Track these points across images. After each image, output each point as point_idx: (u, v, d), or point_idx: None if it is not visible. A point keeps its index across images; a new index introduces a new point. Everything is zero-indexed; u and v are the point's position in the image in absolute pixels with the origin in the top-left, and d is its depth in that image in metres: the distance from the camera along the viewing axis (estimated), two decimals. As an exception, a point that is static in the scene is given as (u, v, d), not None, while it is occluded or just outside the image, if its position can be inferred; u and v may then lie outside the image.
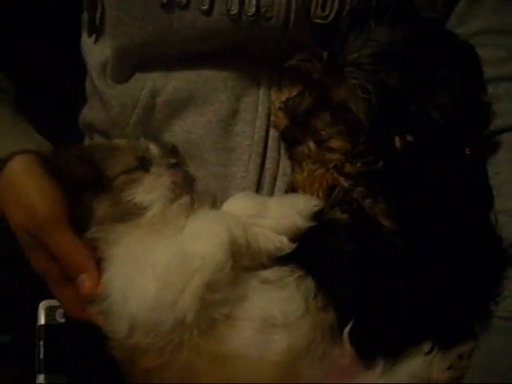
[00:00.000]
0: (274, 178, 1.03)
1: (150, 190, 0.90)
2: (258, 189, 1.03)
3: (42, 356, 1.03)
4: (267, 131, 1.03)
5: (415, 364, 0.91)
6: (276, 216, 0.90)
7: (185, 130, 1.04)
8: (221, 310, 0.84)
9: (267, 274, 0.90)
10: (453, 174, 0.95)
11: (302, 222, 0.90)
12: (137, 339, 0.83)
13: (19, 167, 0.85)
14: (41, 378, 1.01)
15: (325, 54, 0.93)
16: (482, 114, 0.98)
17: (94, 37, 1.10)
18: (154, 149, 0.96)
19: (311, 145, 0.96)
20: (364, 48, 0.91)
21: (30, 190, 0.84)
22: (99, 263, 0.85)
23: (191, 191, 0.93)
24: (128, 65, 1.05)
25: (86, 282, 0.82)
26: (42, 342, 1.04)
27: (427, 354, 0.90)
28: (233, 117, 1.03)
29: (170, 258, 0.83)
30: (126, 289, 0.83)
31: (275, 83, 1.04)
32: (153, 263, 0.83)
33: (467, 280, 0.91)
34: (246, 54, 1.02)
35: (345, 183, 0.94)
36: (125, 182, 0.90)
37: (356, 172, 0.94)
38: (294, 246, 0.89)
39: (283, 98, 0.99)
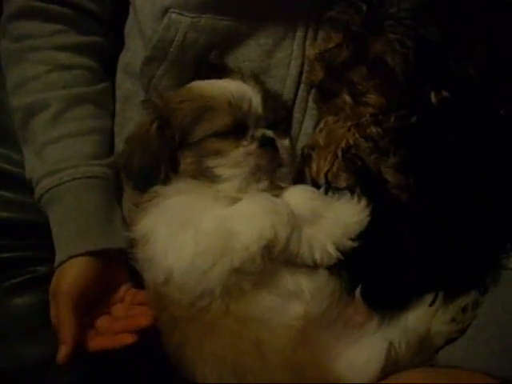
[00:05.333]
0: (296, 138, 1.05)
1: (233, 166, 0.92)
2: None
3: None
4: (296, 92, 1.03)
5: (415, 316, 0.94)
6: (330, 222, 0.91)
7: None
8: (248, 284, 0.88)
9: None
10: (485, 132, 0.94)
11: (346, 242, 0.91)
12: (169, 290, 0.89)
13: (73, 268, 1.01)
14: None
15: (364, 7, 0.93)
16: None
17: None
18: (257, 111, 0.94)
19: (347, 98, 0.96)
20: (403, 2, 0.91)
21: (69, 275, 1.01)
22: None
23: (273, 176, 0.93)
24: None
25: (62, 352, 0.97)
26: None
27: (430, 305, 0.94)
28: (263, 73, 1.03)
29: (213, 227, 0.86)
30: (168, 242, 0.88)
31: (311, 35, 1.02)
32: (197, 227, 0.86)
33: (478, 234, 0.92)
34: (282, 7, 1.01)
35: (365, 145, 0.94)
36: (211, 147, 0.92)
37: (384, 129, 0.94)
38: (332, 262, 0.90)
39: (320, 50, 0.99)
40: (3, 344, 1.13)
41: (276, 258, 0.88)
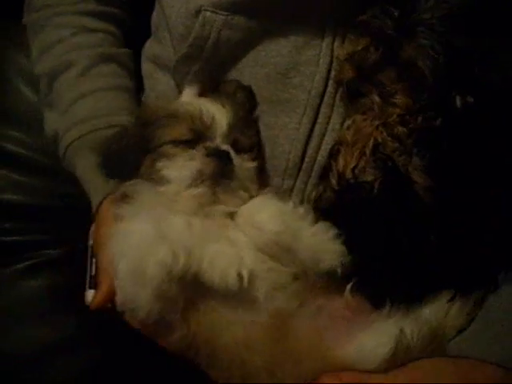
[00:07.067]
0: (323, 133, 1.07)
1: (176, 169, 0.96)
2: (308, 141, 1.07)
3: (92, 273, 1.07)
4: (325, 87, 1.06)
5: (430, 309, 0.98)
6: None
7: (243, 81, 1.08)
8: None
9: None
10: (507, 138, 0.98)
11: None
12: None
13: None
14: (90, 293, 1.05)
15: (396, 12, 0.96)
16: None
17: None
18: (219, 127, 0.98)
19: (376, 98, 0.99)
20: (436, 9, 0.94)
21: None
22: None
23: (215, 187, 0.95)
24: None
25: (95, 298, 0.99)
26: (93, 260, 1.07)
27: (449, 301, 0.98)
28: (292, 69, 1.05)
29: (132, 250, 0.89)
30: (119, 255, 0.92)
31: (339, 37, 1.05)
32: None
33: (498, 234, 0.96)
34: (313, 6, 1.03)
35: (392, 145, 0.98)
36: (166, 152, 0.97)
37: (409, 130, 0.98)
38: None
39: (349, 51, 1.02)
40: (16, 326, 1.15)
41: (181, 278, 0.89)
